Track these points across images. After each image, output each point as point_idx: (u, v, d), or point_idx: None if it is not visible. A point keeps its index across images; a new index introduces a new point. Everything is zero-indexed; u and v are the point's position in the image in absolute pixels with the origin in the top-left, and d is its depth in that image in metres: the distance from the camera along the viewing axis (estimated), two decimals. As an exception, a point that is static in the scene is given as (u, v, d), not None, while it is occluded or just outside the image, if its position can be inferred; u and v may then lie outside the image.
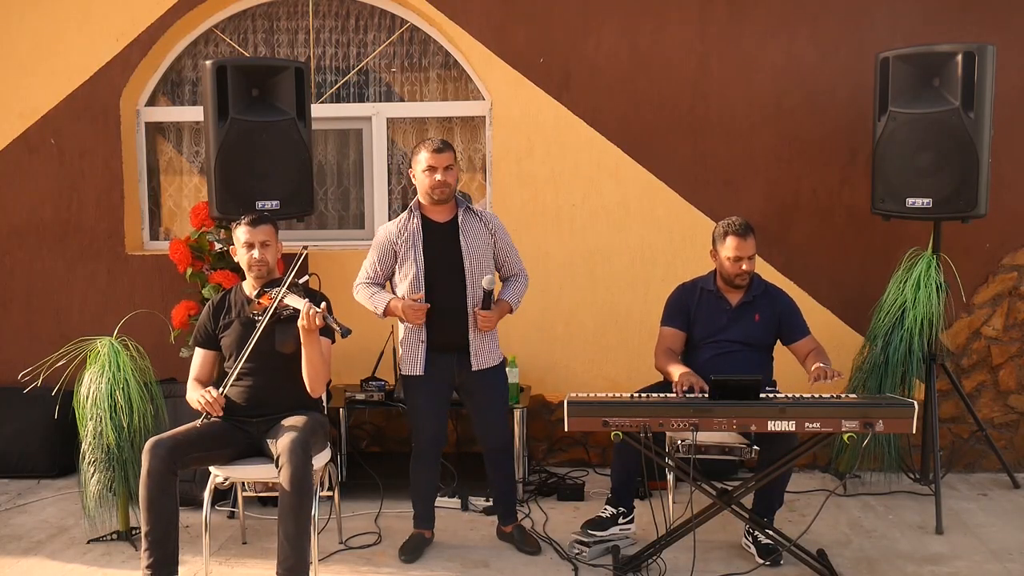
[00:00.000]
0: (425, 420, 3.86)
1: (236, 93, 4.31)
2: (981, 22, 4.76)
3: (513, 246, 3.94)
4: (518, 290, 3.94)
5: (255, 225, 3.68)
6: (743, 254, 3.96)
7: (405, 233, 3.78)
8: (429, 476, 3.96)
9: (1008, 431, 4.96)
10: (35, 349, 4.45)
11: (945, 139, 4.22)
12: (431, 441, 3.89)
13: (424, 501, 3.99)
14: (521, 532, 3.99)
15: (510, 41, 4.96)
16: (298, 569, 3.37)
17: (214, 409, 3.52)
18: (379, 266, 3.83)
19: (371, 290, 3.83)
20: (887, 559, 3.86)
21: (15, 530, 4.28)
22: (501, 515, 4.05)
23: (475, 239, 3.80)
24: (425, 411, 3.86)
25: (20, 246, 5.19)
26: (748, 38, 4.89)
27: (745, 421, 3.38)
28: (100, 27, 5.07)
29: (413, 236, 3.77)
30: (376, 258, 3.83)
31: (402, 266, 3.78)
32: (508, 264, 3.93)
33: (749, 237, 3.97)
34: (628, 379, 4.87)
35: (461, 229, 3.79)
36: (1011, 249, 4.89)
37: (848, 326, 4.91)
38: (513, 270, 3.95)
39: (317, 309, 3.41)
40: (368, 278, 3.85)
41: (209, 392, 3.54)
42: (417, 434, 3.90)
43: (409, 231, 3.78)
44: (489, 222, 3.87)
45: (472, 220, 3.84)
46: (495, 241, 3.85)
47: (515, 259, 3.95)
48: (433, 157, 3.72)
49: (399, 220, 3.83)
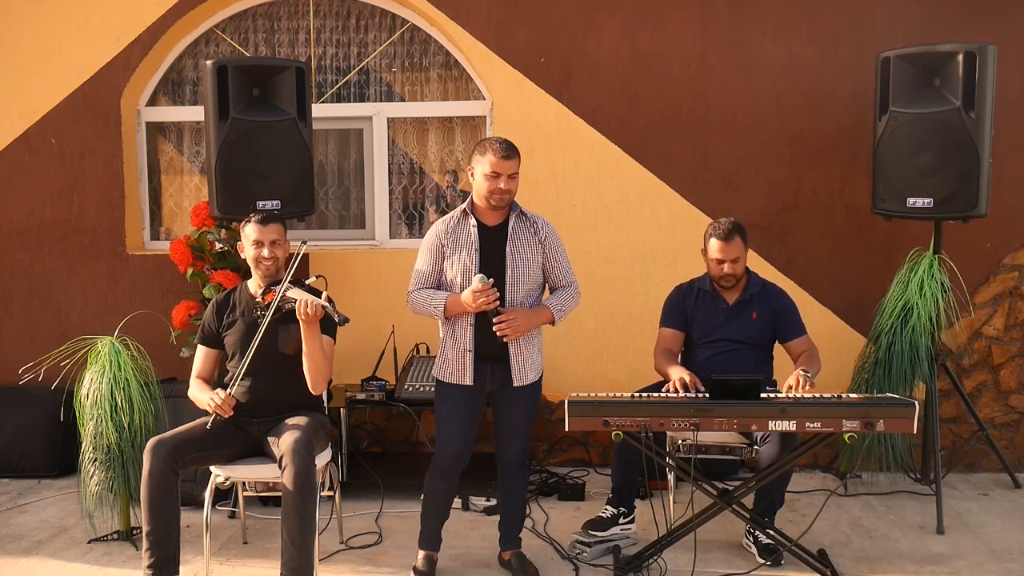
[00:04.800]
0: (455, 433, 3.59)
1: (237, 93, 4.31)
2: (982, 22, 4.77)
3: (564, 256, 3.67)
4: (564, 300, 3.64)
5: (265, 223, 3.68)
6: (726, 257, 3.97)
7: (457, 234, 3.54)
8: (447, 493, 3.71)
9: (1009, 431, 4.96)
10: (36, 349, 4.46)
11: (946, 139, 4.22)
12: (457, 456, 3.61)
13: (438, 520, 3.73)
14: (520, 561, 3.75)
15: (511, 41, 4.96)
16: (303, 569, 3.37)
17: (224, 411, 3.49)
18: (431, 267, 3.58)
19: (426, 293, 3.57)
20: (888, 559, 3.86)
21: (16, 530, 4.28)
22: (503, 538, 3.83)
23: (522, 247, 3.56)
24: (457, 423, 3.59)
25: (21, 246, 5.19)
26: (749, 38, 4.89)
27: (746, 421, 3.38)
28: (101, 27, 5.07)
29: (467, 239, 3.53)
30: (428, 259, 3.58)
31: (454, 267, 3.54)
32: (556, 274, 3.65)
33: (733, 240, 3.97)
34: (629, 379, 4.87)
35: (510, 235, 3.55)
36: (1012, 249, 4.90)
37: (849, 326, 4.92)
38: (561, 281, 3.67)
39: (317, 299, 3.42)
40: (421, 283, 3.60)
41: (218, 394, 3.52)
42: (443, 447, 3.62)
43: (463, 233, 3.54)
44: (540, 230, 3.60)
45: (523, 227, 3.58)
46: (544, 249, 3.60)
47: (564, 269, 3.67)
48: (500, 163, 3.44)
49: (450, 220, 3.58)
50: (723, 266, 3.98)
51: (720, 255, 3.97)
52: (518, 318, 3.47)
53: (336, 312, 3.43)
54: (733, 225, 3.99)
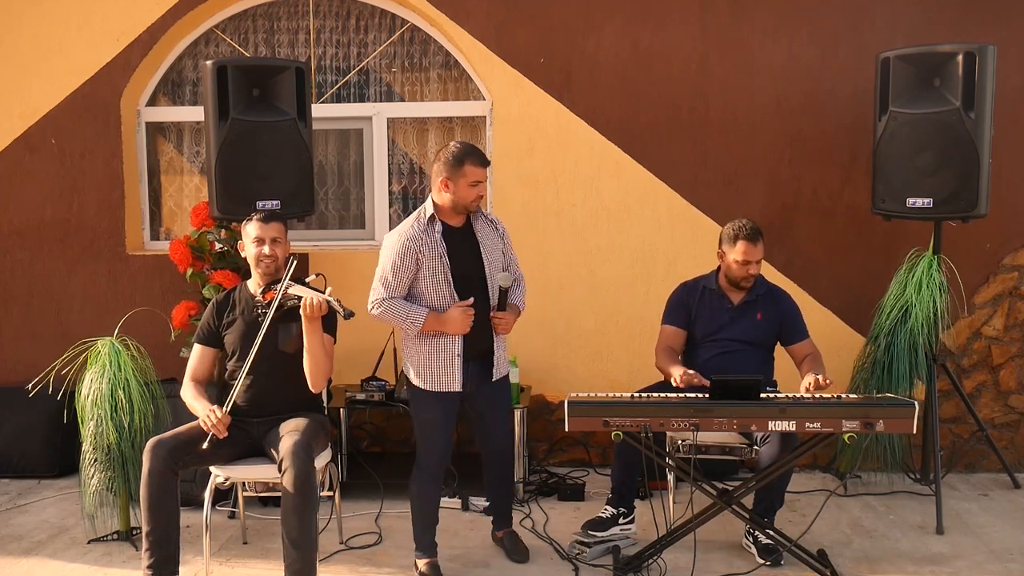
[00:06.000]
0: (440, 436, 3.66)
1: (237, 93, 4.31)
2: (982, 22, 4.77)
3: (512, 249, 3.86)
4: (521, 294, 3.87)
5: (267, 221, 3.68)
6: (752, 258, 3.98)
7: (427, 240, 3.54)
8: (434, 497, 3.74)
9: (1008, 431, 4.96)
10: (36, 349, 4.47)
11: (945, 139, 4.22)
12: (443, 457, 3.70)
13: (432, 525, 3.74)
14: (512, 539, 3.94)
15: (511, 41, 4.96)
16: (305, 571, 3.37)
17: (219, 431, 3.47)
18: (404, 276, 3.54)
19: (401, 306, 3.54)
20: (888, 559, 3.86)
21: (16, 530, 4.28)
22: (496, 519, 4.01)
23: (490, 242, 3.69)
24: (443, 427, 3.66)
25: (21, 246, 5.19)
26: (749, 38, 4.89)
27: (745, 421, 3.38)
28: (101, 27, 5.07)
29: (439, 244, 3.55)
30: (400, 268, 3.53)
31: (428, 275, 3.55)
32: (512, 267, 3.83)
33: (759, 242, 3.99)
34: (629, 379, 4.87)
35: (479, 236, 3.66)
36: (1011, 249, 4.90)
37: (848, 326, 4.91)
38: (516, 273, 3.86)
39: (321, 294, 3.42)
40: (389, 293, 3.57)
41: (215, 412, 3.49)
42: (429, 450, 3.67)
43: (434, 238, 3.55)
44: (499, 226, 3.77)
45: (483, 223, 3.71)
46: (503, 244, 3.76)
47: (516, 261, 3.87)
48: (482, 172, 3.56)
49: (417, 226, 3.55)
50: (748, 267, 3.99)
51: (747, 256, 3.97)
52: (511, 316, 3.71)
53: (341, 306, 3.44)
54: (756, 226, 4.02)
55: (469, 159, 3.53)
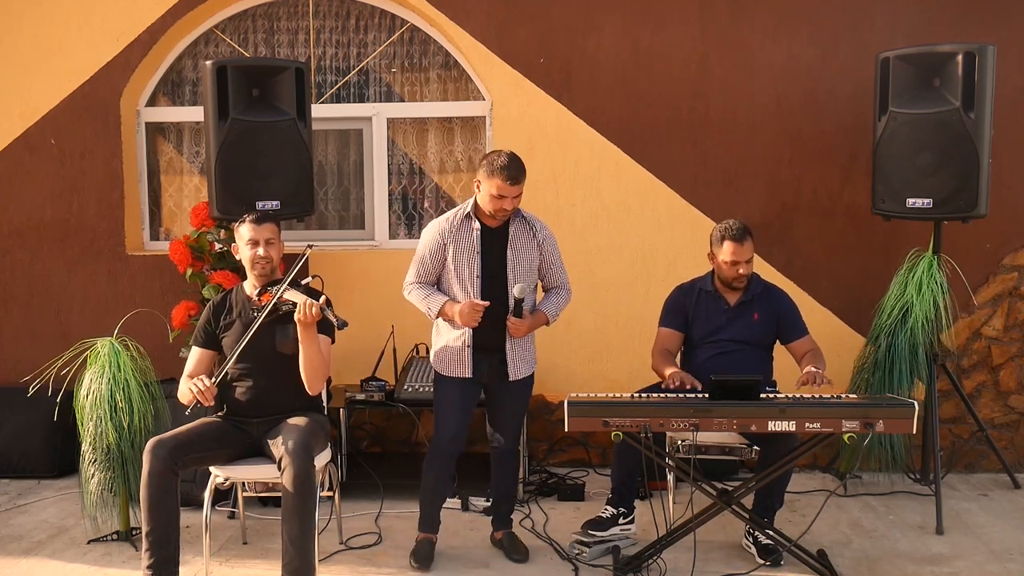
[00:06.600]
0: (451, 419, 3.77)
1: (236, 93, 4.31)
2: (981, 22, 4.76)
3: (559, 258, 3.87)
4: (558, 303, 3.87)
5: (260, 222, 3.68)
6: (740, 258, 3.97)
7: (460, 236, 3.70)
8: (443, 477, 3.85)
9: (1008, 431, 4.96)
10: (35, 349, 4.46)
11: (945, 139, 4.22)
12: (452, 440, 3.78)
13: (435, 503, 3.88)
14: (511, 539, 3.95)
15: (510, 41, 4.96)
16: (303, 571, 3.37)
17: (205, 399, 3.45)
18: (431, 266, 3.74)
19: (425, 291, 3.76)
20: (887, 559, 3.86)
21: (15, 530, 4.28)
22: (495, 518, 4.01)
23: (522, 250, 3.74)
24: (455, 410, 3.77)
25: (20, 246, 5.19)
26: (749, 38, 4.89)
27: (745, 421, 3.38)
28: (100, 27, 5.07)
29: (472, 242, 3.69)
30: (427, 258, 3.74)
31: (455, 269, 3.70)
32: (551, 276, 3.86)
33: (746, 241, 3.98)
34: (628, 379, 4.87)
35: (510, 238, 3.72)
36: (1011, 249, 4.89)
37: (848, 326, 4.91)
38: (555, 282, 3.88)
39: (315, 302, 3.42)
40: (421, 277, 3.77)
41: (202, 380, 3.47)
42: (442, 431, 3.79)
43: (468, 236, 3.70)
44: (538, 233, 3.78)
45: (523, 230, 3.75)
46: (541, 252, 3.78)
47: (559, 272, 3.87)
48: (506, 188, 3.59)
49: (453, 219, 3.72)
50: (738, 267, 3.98)
51: (735, 256, 3.96)
52: (524, 323, 3.72)
53: (335, 315, 3.43)
54: (743, 226, 4.00)
55: (499, 173, 3.59)
